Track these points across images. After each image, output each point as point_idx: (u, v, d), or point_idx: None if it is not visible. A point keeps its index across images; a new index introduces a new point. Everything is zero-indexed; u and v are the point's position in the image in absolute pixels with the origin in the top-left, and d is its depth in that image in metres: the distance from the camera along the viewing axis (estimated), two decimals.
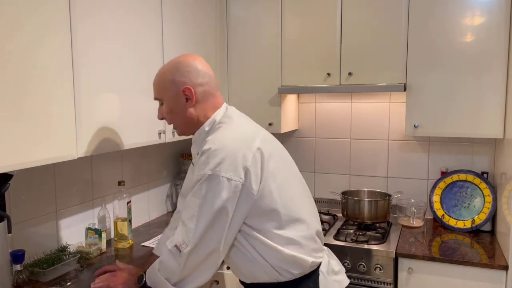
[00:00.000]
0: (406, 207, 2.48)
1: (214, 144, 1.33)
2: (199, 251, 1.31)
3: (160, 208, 2.65)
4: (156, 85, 1.48)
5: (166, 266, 1.36)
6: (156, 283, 1.38)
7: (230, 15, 2.61)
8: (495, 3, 2.08)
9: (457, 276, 2.00)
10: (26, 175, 1.75)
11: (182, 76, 1.42)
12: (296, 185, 1.50)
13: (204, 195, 1.30)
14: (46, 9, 1.40)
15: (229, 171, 1.29)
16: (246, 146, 1.34)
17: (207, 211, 1.29)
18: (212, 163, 1.30)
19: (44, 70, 1.40)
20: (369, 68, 2.34)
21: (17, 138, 1.31)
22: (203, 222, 1.29)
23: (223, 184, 1.28)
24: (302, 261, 1.41)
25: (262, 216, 1.36)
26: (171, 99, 1.44)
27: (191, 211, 1.32)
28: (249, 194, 1.32)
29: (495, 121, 2.14)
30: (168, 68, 1.46)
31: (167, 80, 1.44)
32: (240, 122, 1.47)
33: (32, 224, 1.80)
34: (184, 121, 1.47)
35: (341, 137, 2.79)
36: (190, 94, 1.42)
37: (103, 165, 2.18)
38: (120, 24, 1.75)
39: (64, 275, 1.73)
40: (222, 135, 1.38)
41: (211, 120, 1.45)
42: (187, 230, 1.31)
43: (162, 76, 1.46)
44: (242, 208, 1.32)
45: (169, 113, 1.47)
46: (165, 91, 1.45)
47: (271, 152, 1.40)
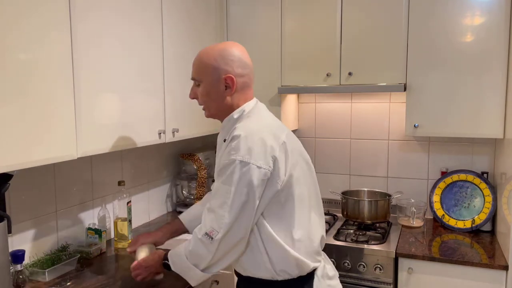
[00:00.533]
0: (406, 207, 2.48)
1: (244, 131, 1.35)
2: (230, 238, 1.33)
3: (160, 208, 2.65)
4: (197, 66, 1.48)
5: (196, 253, 1.38)
6: (184, 269, 1.41)
7: (230, 15, 2.61)
8: (495, 3, 2.08)
9: (457, 276, 1.99)
10: (26, 175, 1.75)
11: (226, 64, 1.43)
12: (311, 185, 1.52)
13: (235, 182, 1.31)
14: (46, 9, 1.40)
15: (259, 159, 1.31)
16: (273, 138, 1.37)
17: (239, 198, 1.31)
18: (243, 149, 1.32)
19: (44, 70, 1.40)
20: (369, 68, 2.33)
21: (17, 138, 1.31)
22: (235, 209, 1.31)
23: (254, 171, 1.30)
24: (304, 265, 1.42)
25: (279, 209, 1.38)
26: (211, 84, 1.45)
27: (221, 198, 1.33)
28: (274, 183, 1.35)
29: (495, 121, 2.14)
30: (212, 52, 1.45)
31: (210, 65, 1.44)
32: (268, 116, 1.52)
33: (32, 224, 1.80)
34: (218, 107, 1.48)
35: (341, 137, 2.79)
36: (231, 83, 1.44)
37: (103, 165, 2.18)
38: (120, 24, 1.75)
39: (64, 275, 1.73)
40: (251, 123, 1.41)
41: (240, 109, 1.47)
42: (218, 217, 1.32)
43: (206, 60, 1.45)
44: (266, 196, 1.35)
45: (205, 96, 1.48)
46: (206, 75, 1.45)
47: (293, 148, 1.43)
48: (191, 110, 2.27)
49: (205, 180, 2.62)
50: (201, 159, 2.65)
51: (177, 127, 2.14)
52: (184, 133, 2.21)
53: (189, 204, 2.62)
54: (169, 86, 2.08)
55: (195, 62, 1.49)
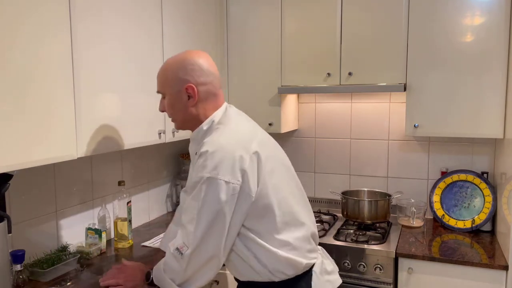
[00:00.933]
0: (406, 207, 2.48)
1: (211, 147, 1.33)
2: (200, 253, 1.33)
3: (160, 208, 2.65)
4: (160, 79, 1.48)
5: (170, 267, 1.39)
6: (163, 282, 1.41)
7: (230, 15, 2.61)
8: (495, 3, 2.08)
9: (457, 276, 1.99)
10: (26, 175, 1.75)
11: (186, 74, 1.42)
12: (292, 188, 1.51)
13: (202, 198, 1.30)
14: (46, 9, 1.40)
15: (227, 174, 1.29)
16: (243, 149, 1.34)
17: (206, 214, 1.30)
18: (210, 166, 1.30)
19: (44, 70, 1.40)
20: (369, 68, 2.33)
21: (17, 138, 1.31)
22: (203, 225, 1.31)
23: (221, 187, 1.29)
24: (296, 263, 1.42)
25: (259, 218, 1.37)
26: (173, 95, 1.45)
27: (190, 214, 1.33)
28: (247, 196, 1.32)
29: (495, 121, 2.14)
30: (172, 63, 1.45)
31: (170, 76, 1.44)
32: (239, 123, 1.47)
33: (32, 224, 1.80)
34: (184, 117, 1.48)
35: (341, 137, 2.79)
36: (192, 93, 1.42)
37: (103, 165, 2.17)
38: (120, 24, 1.75)
39: (64, 275, 1.73)
40: (219, 137, 1.38)
41: (209, 120, 1.45)
42: (187, 233, 1.33)
43: (166, 72, 1.46)
44: (241, 210, 1.33)
45: (170, 108, 1.48)
46: (168, 86, 1.45)
47: (268, 155, 1.40)
48: None
49: None
50: None
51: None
52: (184, 133, 2.21)
53: None
54: None
55: (158, 75, 1.49)
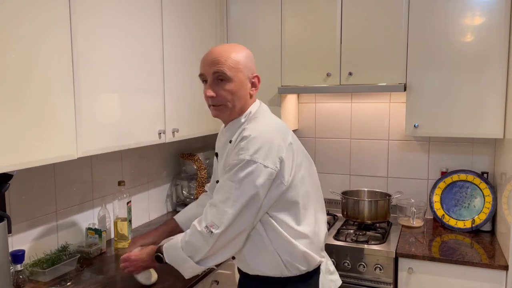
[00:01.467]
0: (406, 207, 2.48)
1: (253, 132, 1.36)
2: (229, 233, 1.34)
3: (160, 208, 2.65)
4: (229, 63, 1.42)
5: (193, 245, 1.38)
6: (178, 260, 1.41)
7: (230, 15, 2.61)
8: (495, 3, 2.08)
9: (457, 276, 1.99)
10: (26, 175, 1.75)
11: (253, 64, 1.50)
12: (313, 183, 1.55)
13: (240, 180, 1.33)
14: (46, 9, 1.40)
15: (267, 159, 1.33)
16: (281, 138, 1.39)
17: (243, 196, 1.32)
18: (251, 149, 1.33)
19: (44, 70, 1.40)
20: (369, 68, 2.33)
21: (17, 138, 1.32)
22: (238, 206, 1.32)
23: (260, 170, 1.32)
24: (311, 259, 1.44)
25: (284, 207, 1.41)
26: (241, 81, 1.45)
27: (225, 193, 1.34)
28: (280, 184, 1.37)
29: (495, 121, 2.14)
30: (242, 52, 1.47)
31: (242, 62, 1.45)
32: (273, 117, 1.54)
33: (32, 224, 1.80)
34: (242, 104, 1.47)
35: (341, 137, 2.79)
36: (258, 81, 1.50)
37: (103, 165, 2.17)
38: (120, 24, 1.75)
39: (64, 275, 1.73)
40: (260, 124, 1.42)
41: (247, 112, 1.49)
42: (220, 212, 1.34)
43: (237, 57, 1.44)
44: (271, 196, 1.37)
45: (231, 93, 1.43)
46: (238, 71, 1.44)
47: (298, 148, 1.47)
48: (191, 110, 2.27)
49: (205, 180, 2.62)
50: (201, 159, 2.65)
51: (177, 127, 2.14)
52: (184, 133, 2.21)
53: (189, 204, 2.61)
54: (169, 86, 2.08)
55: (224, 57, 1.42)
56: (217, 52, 1.45)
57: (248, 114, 1.49)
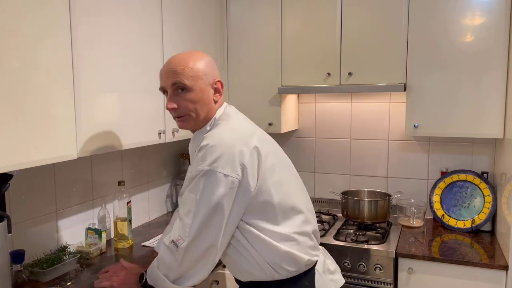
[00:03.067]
0: (406, 207, 2.48)
1: (212, 140, 1.34)
2: (196, 246, 1.32)
3: (160, 208, 2.65)
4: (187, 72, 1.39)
5: (164, 261, 1.37)
6: (156, 280, 1.39)
7: (230, 15, 2.61)
8: (495, 3, 2.08)
9: (457, 276, 2.00)
10: (26, 175, 1.75)
11: (214, 70, 1.46)
12: (293, 183, 1.52)
13: (201, 191, 1.30)
14: (47, 10, 1.40)
15: (226, 167, 1.30)
16: (243, 143, 1.35)
17: (204, 206, 1.30)
18: (209, 159, 1.30)
19: (44, 71, 1.40)
20: (369, 68, 2.33)
21: (17, 138, 1.31)
22: (200, 217, 1.30)
23: (220, 180, 1.29)
24: (298, 258, 1.42)
25: (260, 213, 1.38)
26: (202, 89, 1.42)
27: (187, 206, 1.33)
28: (246, 191, 1.33)
29: (495, 121, 2.14)
30: (201, 58, 1.43)
31: (202, 70, 1.42)
32: (238, 120, 1.49)
33: (32, 224, 1.80)
34: (207, 112, 1.45)
35: (341, 137, 2.79)
36: (221, 86, 1.47)
37: (103, 165, 2.17)
38: (120, 24, 1.75)
39: (64, 275, 1.73)
40: (220, 131, 1.39)
41: (212, 119, 1.47)
42: (184, 225, 1.32)
43: (196, 65, 1.41)
44: (239, 204, 1.34)
45: (194, 102, 1.41)
46: (197, 79, 1.40)
47: (268, 151, 1.41)
48: None
49: None
50: None
51: (177, 127, 2.14)
52: (184, 133, 2.21)
53: None
54: None
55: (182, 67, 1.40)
56: (174, 62, 1.42)
57: (212, 121, 1.46)
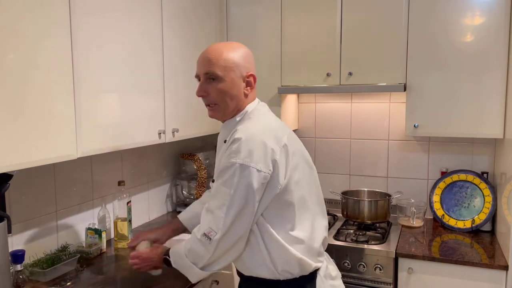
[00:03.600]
0: (406, 207, 2.48)
1: (245, 134, 1.35)
2: (229, 238, 1.35)
3: (160, 208, 2.65)
4: (219, 62, 1.41)
5: (195, 252, 1.40)
6: (183, 267, 1.44)
7: (230, 15, 2.61)
8: (495, 3, 2.08)
9: (457, 276, 1.99)
10: (26, 175, 1.75)
11: (248, 62, 1.46)
12: (312, 187, 1.52)
13: (235, 185, 1.32)
14: (47, 10, 1.40)
15: (259, 163, 1.32)
16: (274, 140, 1.37)
17: (238, 201, 1.32)
18: (243, 153, 1.32)
19: (45, 71, 1.40)
20: (369, 68, 2.33)
21: (17, 138, 1.32)
22: (234, 211, 1.32)
23: (254, 174, 1.31)
24: (306, 264, 1.42)
25: (279, 211, 1.39)
26: (233, 80, 1.43)
27: (221, 200, 1.34)
28: (274, 187, 1.35)
29: (495, 121, 2.14)
30: (236, 49, 1.45)
31: (235, 61, 1.42)
32: (270, 117, 1.51)
33: (32, 224, 1.80)
34: (232, 104, 1.45)
35: (341, 137, 2.79)
36: (253, 81, 1.47)
37: (103, 165, 2.17)
38: (120, 24, 1.75)
39: (64, 275, 1.73)
40: (253, 126, 1.40)
41: (243, 111, 1.47)
42: (217, 218, 1.34)
43: (229, 55, 1.42)
44: (266, 199, 1.36)
45: (223, 93, 1.42)
46: (229, 70, 1.42)
47: (294, 150, 1.43)
48: (191, 110, 2.27)
49: (205, 180, 2.62)
50: (201, 159, 2.65)
51: (177, 127, 2.14)
52: (184, 133, 2.21)
53: (189, 204, 2.60)
54: (169, 86, 2.08)
55: (215, 57, 1.41)
56: (209, 51, 1.44)
57: (244, 113, 1.47)
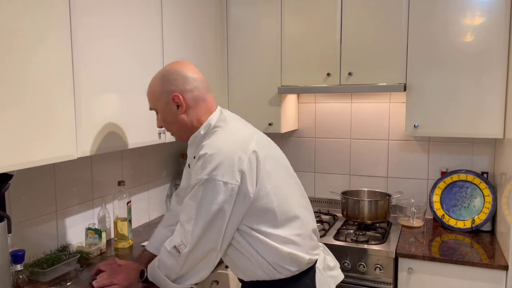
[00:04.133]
0: (406, 207, 2.48)
1: (210, 149, 1.37)
2: (197, 251, 1.37)
3: (160, 208, 2.65)
4: (149, 96, 1.53)
5: (165, 265, 1.43)
6: (157, 279, 1.46)
7: (230, 15, 2.61)
8: (495, 3, 2.08)
9: (457, 276, 2.00)
10: (26, 175, 1.75)
11: (169, 84, 1.47)
12: (292, 185, 1.54)
13: (200, 199, 1.34)
14: (46, 9, 1.40)
15: (225, 175, 1.33)
16: (241, 150, 1.37)
17: (204, 214, 1.34)
18: (208, 167, 1.34)
19: (44, 70, 1.40)
20: (369, 68, 2.33)
21: (17, 138, 1.31)
22: (200, 225, 1.35)
23: (220, 187, 1.33)
24: (300, 258, 1.44)
25: (259, 216, 1.40)
26: (163, 108, 1.50)
27: (188, 214, 1.37)
28: (245, 196, 1.36)
29: (495, 121, 2.14)
30: (156, 78, 1.51)
31: (157, 91, 1.49)
32: (235, 125, 1.51)
33: (32, 224, 1.80)
34: (178, 128, 1.51)
35: (341, 137, 2.79)
36: (179, 101, 1.46)
37: (103, 165, 2.17)
38: (120, 23, 1.75)
39: (64, 275, 1.73)
40: (217, 139, 1.42)
41: (206, 124, 1.49)
42: (185, 232, 1.37)
43: (152, 87, 1.51)
44: (239, 210, 1.37)
45: (164, 122, 1.53)
46: (157, 101, 1.50)
47: (266, 154, 1.43)
48: None
49: None
50: None
51: None
52: None
53: None
54: None
55: (147, 92, 1.54)
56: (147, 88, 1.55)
57: (207, 126, 1.48)
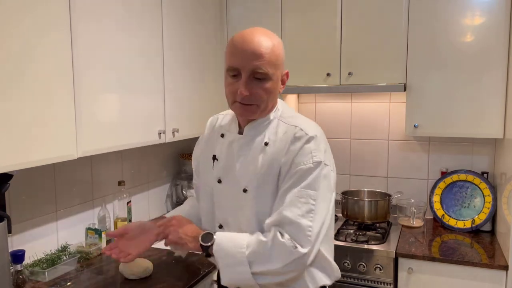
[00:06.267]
0: (406, 207, 2.48)
1: (313, 131, 1.21)
2: (312, 252, 1.15)
3: (160, 208, 2.65)
4: (271, 58, 1.20)
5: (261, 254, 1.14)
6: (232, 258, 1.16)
7: (230, 15, 2.61)
8: (495, 3, 2.08)
9: (457, 276, 1.99)
10: (26, 175, 1.75)
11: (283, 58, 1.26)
12: None
13: (321, 187, 1.16)
14: (46, 9, 1.40)
15: (331, 162, 1.23)
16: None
17: (324, 204, 1.17)
18: (322, 151, 1.19)
19: (44, 70, 1.40)
20: (369, 68, 2.33)
21: (17, 138, 1.32)
22: (321, 218, 1.16)
23: (331, 174, 1.21)
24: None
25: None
26: (277, 79, 1.25)
27: (305, 205, 1.14)
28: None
29: (495, 121, 2.14)
30: (280, 44, 1.25)
31: (281, 58, 1.24)
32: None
33: (32, 224, 1.80)
34: (268, 103, 1.26)
35: (341, 137, 2.79)
36: (285, 80, 1.30)
37: (103, 165, 2.17)
38: (120, 23, 1.75)
39: (64, 275, 1.73)
40: (309, 123, 1.26)
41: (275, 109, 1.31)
42: (303, 228, 1.12)
43: (278, 50, 1.22)
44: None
45: (269, 92, 1.23)
46: (277, 69, 1.23)
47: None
48: (191, 110, 2.27)
49: None
50: None
51: (177, 127, 2.14)
52: (184, 133, 2.21)
53: None
54: (169, 86, 2.08)
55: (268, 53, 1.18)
56: (256, 42, 1.18)
57: (276, 110, 1.30)
